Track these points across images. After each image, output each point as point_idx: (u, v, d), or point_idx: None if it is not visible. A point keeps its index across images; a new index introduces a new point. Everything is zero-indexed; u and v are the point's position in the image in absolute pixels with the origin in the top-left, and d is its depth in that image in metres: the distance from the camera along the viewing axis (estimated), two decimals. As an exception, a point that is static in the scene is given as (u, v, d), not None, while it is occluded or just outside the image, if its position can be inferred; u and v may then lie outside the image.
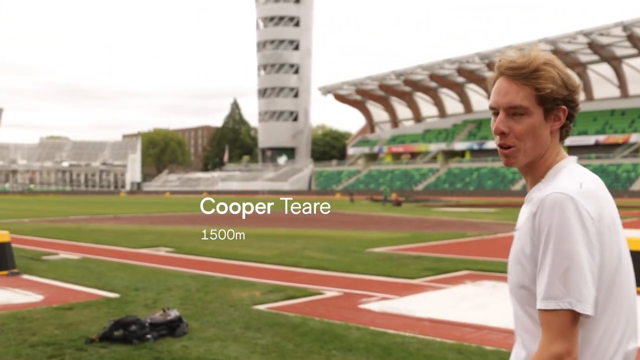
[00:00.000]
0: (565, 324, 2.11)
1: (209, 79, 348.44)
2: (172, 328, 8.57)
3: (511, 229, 27.75)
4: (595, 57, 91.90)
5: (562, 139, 2.43)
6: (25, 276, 14.49)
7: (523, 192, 78.95)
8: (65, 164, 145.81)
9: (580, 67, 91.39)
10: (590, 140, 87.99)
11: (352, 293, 11.89)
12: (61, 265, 16.22)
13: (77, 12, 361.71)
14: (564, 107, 2.34)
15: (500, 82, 2.37)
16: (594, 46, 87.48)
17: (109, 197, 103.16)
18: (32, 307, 10.59)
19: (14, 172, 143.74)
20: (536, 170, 2.41)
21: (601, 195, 2.30)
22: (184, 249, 19.58)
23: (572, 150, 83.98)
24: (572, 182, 2.26)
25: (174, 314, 8.79)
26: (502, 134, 2.35)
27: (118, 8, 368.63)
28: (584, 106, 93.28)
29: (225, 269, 15.14)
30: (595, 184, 2.32)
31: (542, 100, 2.31)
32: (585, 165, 2.72)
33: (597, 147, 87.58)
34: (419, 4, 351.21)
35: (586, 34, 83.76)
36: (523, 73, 2.30)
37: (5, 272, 14.92)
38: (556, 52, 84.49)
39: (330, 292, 11.94)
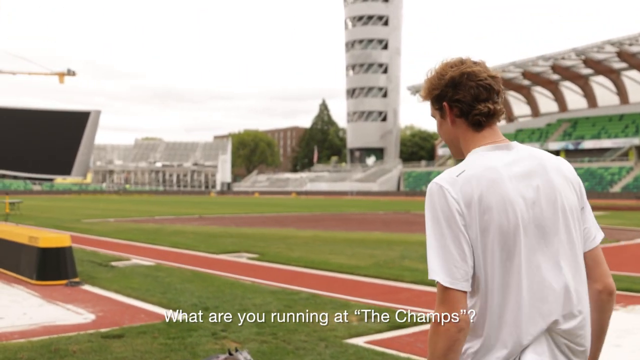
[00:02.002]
0: (441, 294, 2.39)
1: (297, 81, 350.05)
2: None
3: (632, 234, 24.77)
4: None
5: (473, 127, 2.58)
6: (86, 287, 12.56)
7: (623, 195, 75.74)
8: (159, 165, 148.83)
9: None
10: None
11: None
12: (129, 273, 14.12)
13: (169, 18, 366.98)
14: (444, 103, 2.59)
15: None
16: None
17: (199, 197, 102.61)
18: (75, 332, 8.45)
19: (111, 172, 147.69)
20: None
21: (494, 178, 2.42)
22: (268, 256, 17.27)
23: None
24: (454, 171, 2.47)
25: (243, 356, 6.39)
26: None
27: (208, 13, 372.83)
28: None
29: (313, 282, 12.76)
30: (493, 166, 2.46)
31: (432, 104, 2.66)
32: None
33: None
34: (507, 3, 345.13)
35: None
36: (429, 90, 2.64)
37: (64, 282, 12.94)
38: (621, 53, 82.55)
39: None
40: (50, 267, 13.17)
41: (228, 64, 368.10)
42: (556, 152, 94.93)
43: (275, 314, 9.44)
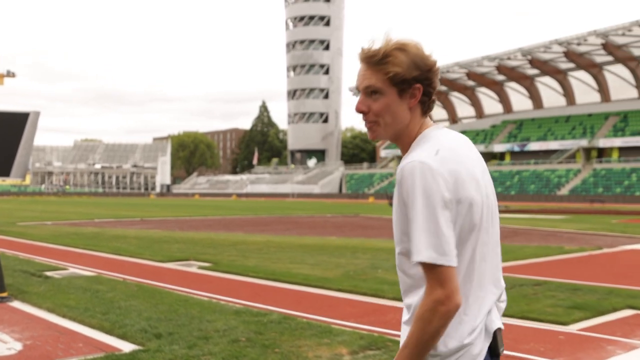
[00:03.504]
0: (438, 274, 2.32)
1: (238, 83, 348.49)
2: None
3: (609, 240, 23.46)
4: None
5: (424, 113, 2.60)
6: (15, 303, 10.66)
7: (572, 197, 75.25)
8: (98, 166, 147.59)
9: (634, 62, 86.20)
10: None
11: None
12: (65, 286, 12.17)
13: (109, 20, 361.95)
14: (418, 85, 2.51)
15: (360, 68, 2.58)
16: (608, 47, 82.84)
17: (138, 199, 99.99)
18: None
19: (50, 173, 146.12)
20: (402, 143, 2.61)
21: (461, 155, 2.48)
22: (221, 265, 15.38)
23: (626, 151, 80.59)
24: (429, 151, 2.43)
25: None
26: (362, 112, 2.58)
27: (149, 14, 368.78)
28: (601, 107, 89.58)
29: (280, 299, 10.94)
30: (455, 146, 2.51)
31: (394, 82, 2.50)
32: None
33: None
34: (451, 2, 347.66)
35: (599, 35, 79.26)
36: (374, 60, 2.51)
37: (-11, 298, 11.02)
38: (607, 45, 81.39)
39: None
40: (-28, 280, 11.22)
41: (168, 66, 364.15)
42: (501, 154, 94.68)
43: (244, 343, 7.67)
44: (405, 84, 2.49)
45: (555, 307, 10.07)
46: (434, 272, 2.31)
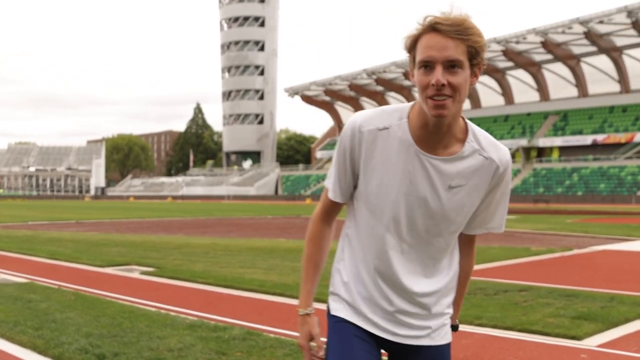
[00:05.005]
0: None
1: (172, 86, 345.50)
2: None
3: (575, 241, 22.57)
4: (592, 49, 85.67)
5: None
6: None
7: (513, 198, 74.15)
8: (32, 169, 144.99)
9: (574, 60, 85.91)
10: (586, 140, 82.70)
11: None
12: (-7, 297, 10.65)
13: (43, 23, 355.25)
14: (485, 62, 2.41)
15: (433, 38, 2.33)
16: (591, 36, 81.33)
17: (73, 202, 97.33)
18: None
19: None
20: (455, 126, 2.50)
21: None
22: (166, 270, 13.95)
23: (567, 150, 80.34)
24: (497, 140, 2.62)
25: None
26: (442, 86, 2.32)
27: (82, 17, 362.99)
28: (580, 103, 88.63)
29: (240, 310, 9.52)
30: None
31: (472, 56, 2.35)
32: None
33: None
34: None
35: (583, 23, 77.35)
36: (458, 29, 2.31)
37: None
38: (547, 43, 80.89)
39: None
40: None
41: (102, 69, 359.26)
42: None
43: (206, 367, 6.34)
44: (478, 58, 2.37)
45: (558, 317, 8.83)
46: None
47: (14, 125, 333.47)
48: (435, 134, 2.47)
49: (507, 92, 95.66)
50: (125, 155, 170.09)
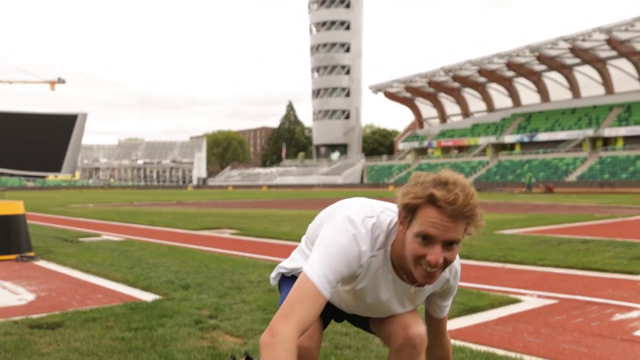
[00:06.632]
0: None
1: (266, 86, 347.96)
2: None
3: (638, 212, 21.70)
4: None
5: None
6: (40, 262, 9.23)
7: (578, 183, 72.93)
8: (140, 162, 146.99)
9: (636, 56, 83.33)
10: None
11: (566, 299, 6.07)
12: (94, 248, 10.75)
13: (149, 32, 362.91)
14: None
15: (434, 215, 2.19)
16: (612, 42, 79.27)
17: (177, 191, 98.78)
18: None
19: (97, 169, 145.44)
20: None
21: None
22: (254, 231, 13.85)
23: (630, 139, 78.46)
24: None
25: None
26: (436, 265, 2.23)
27: (185, 26, 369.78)
28: (606, 99, 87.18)
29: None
30: None
31: (468, 230, 2.26)
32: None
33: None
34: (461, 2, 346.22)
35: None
36: (464, 213, 2.18)
37: (13, 257, 9.57)
38: (611, 40, 78.70)
39: (529, 299, 6.14)
40: (-3, 239, 9.79)
41: (203, 73, 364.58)
42: (512, 145, 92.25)
43: (282, 291, 6.12)
44: (471, 229, 2.27)
45: (617, 259, 8.46)
46: None
47: (123, 124, 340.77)
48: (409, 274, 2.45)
49: (574, 87, 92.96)
50: (224, 149, 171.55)
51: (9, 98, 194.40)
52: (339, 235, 2.34)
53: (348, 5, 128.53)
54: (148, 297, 6.22)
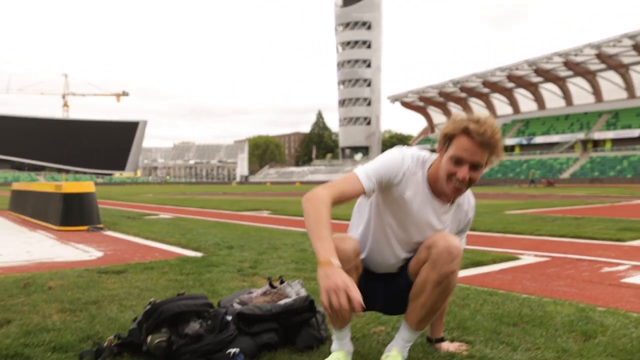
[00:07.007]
0: None
1: (298, 98, 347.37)
2: (292, 326, 2.83)
3: (623, 200, 21.44)
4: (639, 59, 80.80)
5: None
6: (108, 232, 9.23)
7: (571, 180, 72.06)
8: (192, 162, 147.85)
9: (623, 68, 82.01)
10: (634, 133, 78.61)
11: (559, 257, 6.00)
12: (153, 222, 10.84)
13: (201, 50, 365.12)
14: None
15: (466, 143, 2.38)
16: (638, 47, 76.23)
17: (222, 186, 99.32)
18: (70, 269, 5.08)
19: (155, 168, 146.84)
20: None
21: None
22: (288, 211, 13.89)
23: (617, 142, 77.30)
24: None
25: (295, 291, 3.03)
26: (463, 180, 2.42)
27: (225, 45, 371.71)
28: (629, 103, 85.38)
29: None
30: None
31: (490, 158, 2.44)
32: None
33: None
34: (467, 21, 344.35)
35: (632, 37, 72.97)
36: (490, 143, 2.37)
37: (85, 227, 9.65)
38: (600, 54, 77.55)
39: (527, 257, 6.06)
40: (72, 213, 9.97)
41: (246, 86, 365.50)
42: (511, 147, 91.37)
43: (312, 251, 6.11)
44: (493, 158, 2.46)
45: (606, 230, 8.33)
46: None
47: (178, 130, 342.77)
48: (442, 196, 2.59)
49: (567, 96, 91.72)
50: (263, 151, 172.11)
51: (81, 109, 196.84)
52: (388, 152, 2.56)
53: (369, 27, 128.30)
54: (198, 254, 6.26)
